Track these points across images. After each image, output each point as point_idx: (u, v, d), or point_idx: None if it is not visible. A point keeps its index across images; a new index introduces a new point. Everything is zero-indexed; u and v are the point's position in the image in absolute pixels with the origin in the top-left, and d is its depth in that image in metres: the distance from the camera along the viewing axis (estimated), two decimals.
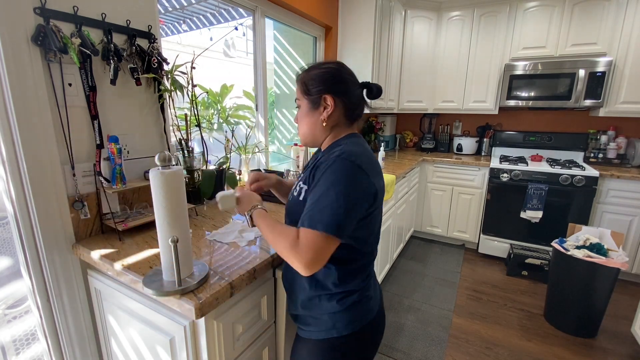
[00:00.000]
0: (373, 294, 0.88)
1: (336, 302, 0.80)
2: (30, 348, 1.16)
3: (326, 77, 0.82)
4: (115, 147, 1.11)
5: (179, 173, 0.78)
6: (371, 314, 0.86)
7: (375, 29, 2.57)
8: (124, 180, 1.15)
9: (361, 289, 0.84)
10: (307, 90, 0.83)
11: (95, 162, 1.11)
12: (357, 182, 0.72)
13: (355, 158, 0.73)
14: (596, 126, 2.93)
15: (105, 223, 1.16)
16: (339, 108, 0.83)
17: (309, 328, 0.85)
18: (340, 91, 0.82)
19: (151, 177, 0.76)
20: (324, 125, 0.84)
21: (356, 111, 0.86)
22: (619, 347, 1.87)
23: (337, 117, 0.84)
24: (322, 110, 0.83)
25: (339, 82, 0.82)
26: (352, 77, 0.85)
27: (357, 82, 0.86)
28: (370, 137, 3.41)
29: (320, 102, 0.82)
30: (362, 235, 0.79)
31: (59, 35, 0.95)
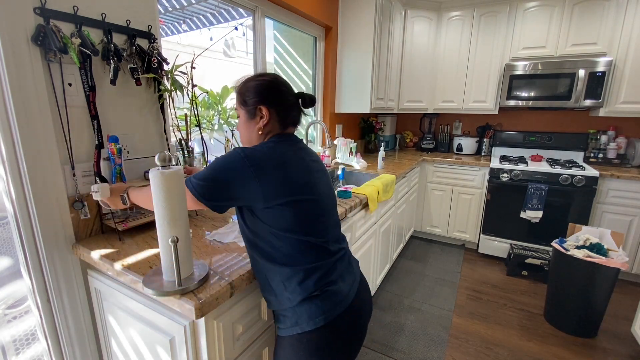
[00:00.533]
0: (339, 288, 0.87)
1: (290, 294, 0.83)
2: (30, 348, 1.16)
3: (261, 89, 0.89)
4: (115, 147, 1.10)
5: (179, 173, 0.78)
6: (337, 309, 0.84)
7: (375, 29, 2.57)
8: (124, 180, 1.15)
9: (320, 283, 0.83)
10: (244, 102, 0.91)
11: (94, 162, 1.11)
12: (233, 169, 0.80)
13: (247, 152, 0.81)
14: (596, 126, 2.93)
15: (105, 223, 1.16)
16: (273, 117, 0.89)
17: (280, 325, 0.88)
18: (274, 102, 0.89)
19: (151, 177, 0.76)
20: (259, 133, 0.90)
21: (288, 119, 0.92)
22: (619, 347, 1.87)
23: (271, 125, 0.90)
24: (258, 119, 0.89)
25: (273, 94, 0.89)
26: (286, 87, 0.92)
27: (292, 93, 0.92)
28: (370, 137, 3.41)
29: (256, 113, 0.89)
30: (280, 224, 0.82)
31: (59, 35, 0.95)
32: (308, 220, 0.85)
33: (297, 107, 0.94)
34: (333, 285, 0.85)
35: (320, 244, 0.87)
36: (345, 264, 0.93)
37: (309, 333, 0.82)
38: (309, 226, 0.85)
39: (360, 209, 1.75)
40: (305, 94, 0.94)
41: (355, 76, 2.74)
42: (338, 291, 0.86)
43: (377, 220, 2.08)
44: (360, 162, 2.56)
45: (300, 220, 0.83)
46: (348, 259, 0.97)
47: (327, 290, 0.84)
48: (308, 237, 0.84)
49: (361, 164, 2.54)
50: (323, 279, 0.85)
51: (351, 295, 0.89)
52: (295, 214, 0.82)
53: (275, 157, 0.83)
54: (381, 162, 2.54)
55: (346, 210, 1.51)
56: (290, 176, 0.83)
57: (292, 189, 0.82)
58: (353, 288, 0.92)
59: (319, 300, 0.83)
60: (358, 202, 1.64)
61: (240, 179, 0.79)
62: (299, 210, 0.83)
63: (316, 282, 0.83)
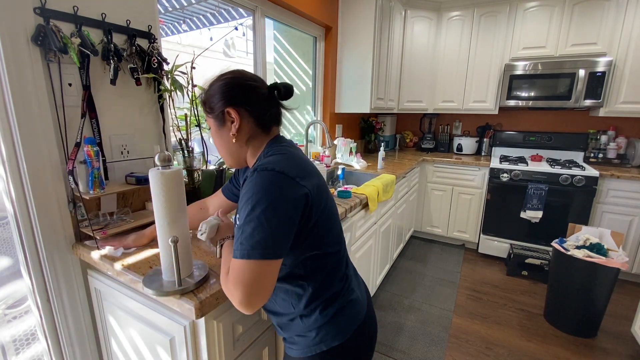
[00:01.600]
0: (357, 296, 0.83)
1: (319, 314, 0.75)
2: (30, 348, 1.16)
3: (224, 90, 0.75)
4: (92, 150, 1.00)
5: (179, 173, 0.78)
6: (359, 317, 0.81)
7: (375, 29, 2.57)
8: (102, 185, 1.05)
9: (342, 295, 0.79)
10: (210, 108, 0.77)
11: (69, 159, 1.01)
12: (281, 190, 0.65)
13: (274, 165, 0.67)
14: (596, 126, 2.93)
15: (82, 230, 1.08)
16: (245, 118, 0.76)
17: (296, 347, 0.79)
18: (243, 100, 0.75)
19: (151, 177, 0.76)
20: (234, 142, 0.77)
21: (266, 115, 0.77)
22: (619, 347, 1.87)
23: (248, 129, 0.77)
24: (229, 125, 0.76)
25: (239, 91, 0.75)
26: (254, 81, 0.77)
27: (263, 85, 0.78)
28: (370, 137, 3.41)
29: (225, 117, 0.76)
30: (316, 241, 0.73)
31: (59, 35, 0.95)
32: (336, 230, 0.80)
33: (272, 102, 0.79)
34: (353, 294, 0.82)
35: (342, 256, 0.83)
36: (351, 267, 0.89)
37: (337, 347, 0.76)
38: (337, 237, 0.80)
39: (360, 209, 1.75)
40: (278, 84, 0.78)
41: (355, 76, 2.74)
42: (357, 298, 0.83)
43: (377, 220, 2.08)
44: (360, 162, 2.56)
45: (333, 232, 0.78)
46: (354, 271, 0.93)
47: (350, 300, 0.80)
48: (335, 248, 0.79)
49: (361, 164, 2.54)
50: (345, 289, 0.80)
51: (365, 298, 0.87)
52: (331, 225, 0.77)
53: (305, 164, 0.75)
54: (381, 162, 2.53)
55: (346, 210, 1.51)
56: (321, 184, 0.76)
57: (326, 198, 0.76)
58: (362, 290, 0.89)
59: (346, 311, 0.79)
60: (358, 202, 1.64)
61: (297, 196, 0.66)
62: (326, 218, 0.75)
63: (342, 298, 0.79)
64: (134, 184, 1.19)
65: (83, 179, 1.04)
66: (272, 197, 0.64)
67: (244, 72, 0.79)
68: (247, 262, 0.62)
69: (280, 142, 0.80)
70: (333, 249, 0.79)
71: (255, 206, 0.63)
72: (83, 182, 1.04)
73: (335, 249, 0.79)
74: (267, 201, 0.63)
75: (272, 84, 0.79)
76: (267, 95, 0.78)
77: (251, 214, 0.63)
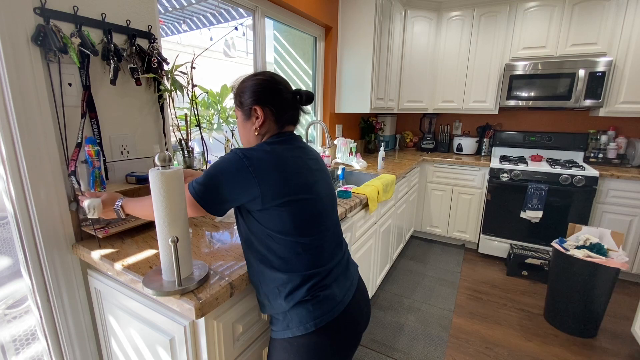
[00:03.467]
0: (332, 293, 0.85)
1: (283, 300, 0.82)
2: (30, 348, 1.16)
3: (256, 89, 0.87)
4: (92, 149, 1.02)
5: (179, 173, 0.78)
6: (328, 315, 0.83)
7: (375, 29, 2.57)
8: (103, 184, 1.07)
9: (310, 288, 0.82)
10: (240, 102, 0.90)
11: (71, 160, 1.03)
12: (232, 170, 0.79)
13: (245, 151, 0.80)
14: (596, 126, 2.93)
15: (83, 230, 1.09)
16: (268, 117, 0.88)
17: (273, 327, 0.88)
18: (269, 101, 0.87)
19: (151, 177, 0.76)
20: (256, 134, 0.89)
21: (285, 117, 0.89)
22: (619, 347, 1.87)
23: (267, 125, 0.89)
24: (254, 120, 0.88)
25: (268, 93, 0.87)
26: (282, 85, 0.89)
27: (290, 90, 0.90)
28: (370, 137, 3.41)
29: (252, 113, 0.88)
30: (277, 226, 0.81)
31: (59, 35, 0.95)
32: (305, 220, 0.83)
33: (294, 105, 0.91)
34: (326, 290, 0.84)
35: (316, 245, 0.85)
36: (342, 267, 0.92)
37: (299, 337, 0.82)
38: (306, 227, 0.83)
39: (360, 209, 1.75)
40: (302, 91, 0.91)
41: (355, 76, 2.74)
42: (331, 296, 0.84)
43: (377, 220, 2.08)
44: (360, 162, 2.56)
45: (296, 221, 0.82)
46: (346, 263, 0.96)
47: (318, 295, 0.82)
48: (304, 238, 0.83)
49: (361, 164, 2.54)
50: (317, 284, 0.83)
51: (346, 301, 0.87)
52: (292, 214, 0.81)
53: (273, 157, 0.82)
54: (381, 162, 2.53)
55: (346, 210, 1.51)
56: (287, 176, 0.82)
57: (289, 189, 0.81)
58: (349, 293, 0.90)
59: (310, 304, 0.81)
60: (358, 202, 1.64)
61: (239, 179, 0.78)
62: (296, 210, 0.82)
63: (309, 288, 0.82)
64: (134, 183, 1.19)
65: (84, 178, 1.05)
66: (223, 170, 0.79)
67: (273, 76, 0.91)
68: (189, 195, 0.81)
69: (277, 137, 0.89)
70: (312, 241, 0.84)
71: (212, 168, 0.81)
72: (84, 181, 1.05)
73: (317, 242, 0.85)
74: (219, 171, 0.80)
75: (296, 90, 0.91)
76: (290, 99, 0.89)
77: (208, 172, 0.81)
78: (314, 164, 0.92)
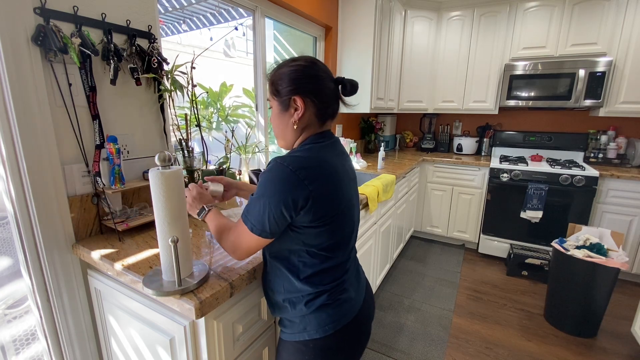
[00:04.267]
0: (350, 296, 0.84)
1: (304, 305, 0.80)
2: (30, 348, 1.16)
3: (296, 76, 0.76)
4: (114, 147, 1.10)
5: (179, 173, 0.78)
6: (346, 317, 0.82)
7: (375, 29, 2.56)
8: (122, 180, 1.14)
9: (330, 291, 0.80)
10: (277, 91, 0.79)
11: (94, 162, 1.10)
12: (284, 185, 0.70)
13: (290, 162, 0.71)
14: (596, 126, 2.93)
15: (104, 224, 1.15)
16: (309, 109, 0.78)
17: (285, 330, 0.86)
18: (311, 91, 0.77)
19: (151, 177, 0.76)
20: (294, 128, 0.79)
21: (328, 110, 0.80)
22: (619, 347, 1.87)
23: (308, 118, 0.79)
24: (292, 112, 0.78)
25: (310, 81, 0.77)
26: (325, 73, 0.79)
27: (332, 78, 0.80)
28: (370, 137, 3.41)
29: (290, 104, 0.78)
30: (320, 243, 0.77)
31: (59, 35, 0.95)
32: (341, 238, 0.81)
33: (336, 96, 0.81)
34: (344, 293, 0.83)
35: (342, 261, 0.84)
36: (354, 269, 0.91)
37: (317, 340, 0.80)
38: (340, 244, 0.81)
39: (360, 209, 1.75)
40: (345, 79, 0.81)
41: (355, 76, 2.73)
42: (348, 299, 0.84)
43: (377, 220, 2.08)
44: (360, 162, 2.56)
45: (335, 238, 0.79)
46: (356, 265, 0.95)
47: (338, 298, 0.82)
48: (335, 253, 0.80)
49: (361, 164, 2.54)
50: (337, 289, 0.82)
51: (359, 301, 0.88)
52: (333, 231, 0.77)
53: (325, 168, 0.75)
54: (381, 162, 2.53)
55: None
56: (338, 191, 0.76)
57: (339, 206, 0.76)
58: (360, 293, 0.90)
59: (330, 309, 0.81)
60: None
61: (296, 196, 0.70)
62: (336, 227, 0.78)
63: (330, 294, 0.81)
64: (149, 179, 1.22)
65: (105, 175, 1.12)
66: (275, 190, 0.71)
67: (315, 61, 0.80)
68: (247, 230, 0.75)
69: (321, 138, 0.81)
70: (341, 257, 0.82)
71: (263, 192, 0.72)
72: (105, 177, 1.12)
73: (334, 255, 0.81)
74: (271, 192, 0.71)
75: (338, 78, 0.82)
76: (332, 89, 0.80)
77: (259, 197, 0.73)
78: (352, 173, 0.87)
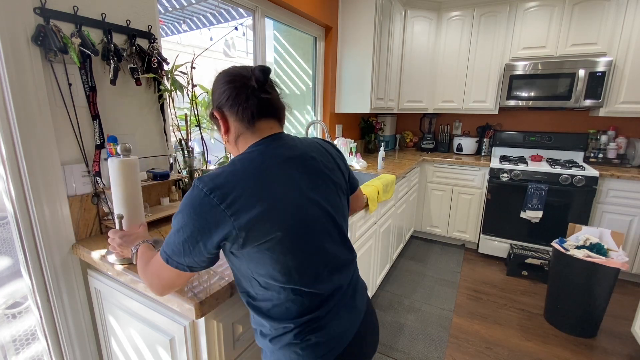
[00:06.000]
0: (328, 335, 0.71)
1: (269, 341, 0.72)
2: (30, 347, 1.16)
3: (211, 96, 0.77)
4: (114, 148, 1.10)
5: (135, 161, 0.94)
6: (326, 357, 0.71)
7: (375, 29, 2.56)
8: None
9: (298, 330, 0.69)
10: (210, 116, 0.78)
11: (94, 162, 1.10)
12: (199, 214, 0.62)
13: (208, 182, 0.63)
14: (596, 126, 2.93)
15: (104, 224, 1.15)
16: (229, 117, 0.73)
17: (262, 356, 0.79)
18: (222, 99, 0.72)
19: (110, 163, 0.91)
20: (227, 143, 0.77)
21: (245, 111, 0.70)
22: (619, 347, 1.87)
23: (234, 129, 0.73)
24: (220, 128, 0.76)
25: (217, 92, 0.73)
26: (231, 76, 0.72)
27: (242, 77, 0.71)
28: (370, 137, 3.41)
29: (217, 123, 0.75)
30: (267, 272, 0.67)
31: (59, 35, 0.95)
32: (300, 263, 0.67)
33: (246, 91, 0.70)
34: (320, 331, 0.70)
35: (313, 292, 0.70)
36: (347, 297, 0.77)
37: None
38: (300, 270, 0.68)
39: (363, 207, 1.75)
40: (253, 68, 0.71)
41: (355, 76, 2.74)
42: (325, 340, 0.71)
43: (377, 220, 2.07)
44: (360, 162, 2.56)
45: (288, 264, 0.66)
46: (353, 289, 0.80)
47: (309, 339, 0.69)
48: (297, 283, 0.68)
49: (361, 164, 2.54)
50: (308, 328, 0.70)
51: (348, 337, 0.74)
52: (284, 256, 0.65)
53: (249, 182, 0.64)
54: (381, 162, 2.53)
55: None
56: (278, 203, 0.64)
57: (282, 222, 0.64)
58: (352, 328, 0.76)
59: (299, 348, 0.69)
60: None
61: (212, 226, 0.62)
62: (287, 250, 0.65)
63: (297, 334, 0.69)
64: (151, 179, 1.24)
65: (105, 175, 1.12)
66: (189, 218, 0.63)
67: (226, 70, 0.75)
68: (164, 265, 0.69)
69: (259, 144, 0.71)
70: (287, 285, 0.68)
71: (177, 221, 0.65)
72: (105, 177, 1.13)
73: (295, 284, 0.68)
74: (185, 220, 0.63)
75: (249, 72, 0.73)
76: (241, 85, 0.71)
77: (175, 226, 0.66)
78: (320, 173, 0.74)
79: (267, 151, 0.70)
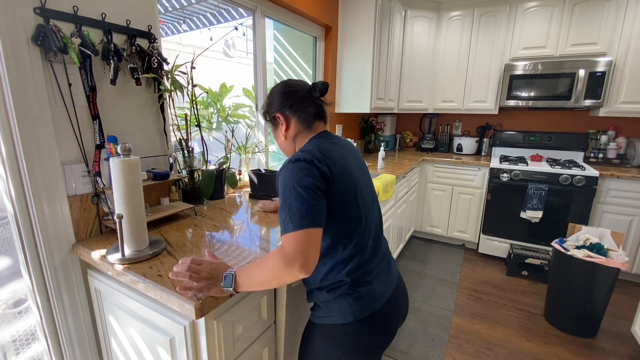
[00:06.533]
0: (372, 289, 0.88)
1: (326, 292, 0.87)
2: (30, 347, 1.16)
3: (272, 99, 0.94)
4: (114, 148, 1.10)
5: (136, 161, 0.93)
6: (368, 309, 0.86)
7: (375, 29, 2.57)
8: None
9: (351, 283, 0.85)
10: (266, 116, 0.97)
11: (94, 162, 1.10)
12: (303, 171, 0.77)
13: (297, 156, 0.80)
14: (596, 126, 2.93)
15: (104, 224, 1.15)
16: (292, 120, 0.92)
17: (314, 313, 0.93)
18: (285, 105, 0.91)
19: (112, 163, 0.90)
20: (285, 139, 0.95)
21: (305, 115, 0.91)
22: (619, 347, 1.87)
23: (294, 128, 0.93)
24: (280, 127, 0.94)
25: (282, 97, 0.91)
26: (297, 86, 0.93)
27: (303, 89, 0.92)
28: (370, 137, 3.41)
29: (276, 122, 0.94)
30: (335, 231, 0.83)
31: (59, 35, 0.95)
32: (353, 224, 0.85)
33: (309, 99, 0.92)
34: (367, 286, 0.87)
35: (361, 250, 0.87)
36: (384, 264, 0.94)
37: (338, 326, 0.86)
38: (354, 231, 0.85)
39: None
40: (315, 84, 0.92)
41: (355, 76, 2.74)
42: (371, 292, 0.87)
43: None
44: None
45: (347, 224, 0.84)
46: (388, 260, 0.98)
47: (359, 290, 0.86)
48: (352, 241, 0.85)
49: None
50: (358, 280, 0.86)
51: (386, 296, 0.90)
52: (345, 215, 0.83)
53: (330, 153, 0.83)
54: (381, 162, 2.54)
55: None
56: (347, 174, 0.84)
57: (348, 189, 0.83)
58: (388, 290, 0.92)
59: (351, 298, 0.85)
60: None
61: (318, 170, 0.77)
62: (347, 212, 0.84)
63: (351, 284, 0.84)
64: (151, 179, 1.24)
65: (105, 175, 1.13)
66: (297, 179, 0.76)
67: (287, 82, 0.95)
68: (296, 233, 0.73)
69: (316, 138, 0.91)
70: (346, 241, 0.85)
71: (288, 191, 0.76)
72: (105, 177, 1.13)
73: (350, 243, 0.85)
74: (294, 182, 0.76)
75: (311, 84, 0.94)
76: (304, 95, 0.91)
77: (288, 198, 0.76)
78: (360, 162, 0.97)
79: (325, 141, 0.90)
